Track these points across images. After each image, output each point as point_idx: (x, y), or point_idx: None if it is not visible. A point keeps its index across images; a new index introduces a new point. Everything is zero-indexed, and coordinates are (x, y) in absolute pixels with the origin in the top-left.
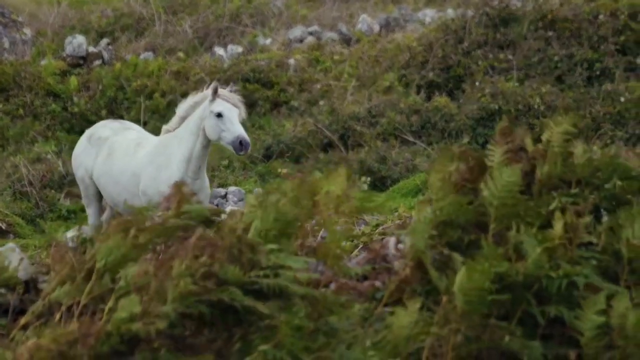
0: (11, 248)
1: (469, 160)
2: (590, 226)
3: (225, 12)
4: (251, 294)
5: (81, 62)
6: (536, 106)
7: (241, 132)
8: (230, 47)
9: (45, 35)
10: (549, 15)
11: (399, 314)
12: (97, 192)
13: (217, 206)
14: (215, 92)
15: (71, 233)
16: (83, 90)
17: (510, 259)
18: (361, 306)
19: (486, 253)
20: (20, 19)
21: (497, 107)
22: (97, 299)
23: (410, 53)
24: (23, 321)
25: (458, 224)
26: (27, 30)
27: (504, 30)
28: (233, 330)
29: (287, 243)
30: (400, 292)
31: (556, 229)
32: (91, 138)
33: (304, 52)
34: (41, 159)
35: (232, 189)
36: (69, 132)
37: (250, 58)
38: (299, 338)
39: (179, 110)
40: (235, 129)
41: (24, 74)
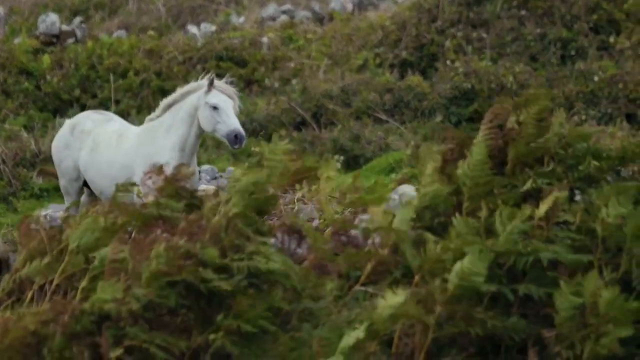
0: None
1: (452, 141)
2: (565, 205)
3: None
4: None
5: (54, 40)
6: (509, 85)
7: (237, 125)
8: (203, 25)
9: (19, 13)
10: None
11: (386, 297)
12: (82, 185)
13: None
14: (211, 83)
15: (45, 212)
16: (56, 69)
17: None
18: (334, 285)
19: (458, 230)
20: None
21: (470, 86)
22: (70, 278)
23: (383, 32)
24: None
25: (437, 210)
26: (0, 9)
27: (477, 9)
28: (207, 312)
29: (262, 222)
30: (377, 273)
31: (540, 210)
32: (74, 130)
33: (277, 30)
34: (13, 137)
35: (205, 167)
36: (41, 110)
37: (224, 36)
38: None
39: (165, 100)
40: (230, 122)
41: None
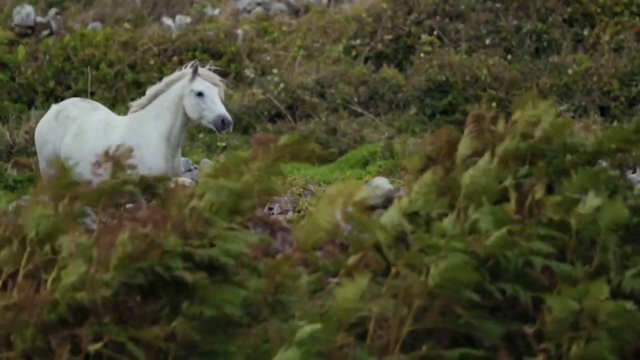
0: None
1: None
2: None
3: None
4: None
5: (29, 32)
6: (483, 78)
7: (223, 111)
8: (178, 17)
9: None
10: None
11: (345, 285)
12: None
13: None
14: (195, 71)
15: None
16: (31, 60)
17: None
18: (309, 277)
19: (444, 228)
20: None
21: (444, 79)
22: (40, 267)
23: (358, 24)
24: None
25: (427, 215)
26: None
27: (452, 1)
28: (176, 301)
29: (238, 219)
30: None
31: (511, 205)
32: (59, 116)
33: (252, 22)
34: None
35: None
36: (16, 102)
37: (199, 28)
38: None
39: (150, 90)
40: (216, 108)
41: None
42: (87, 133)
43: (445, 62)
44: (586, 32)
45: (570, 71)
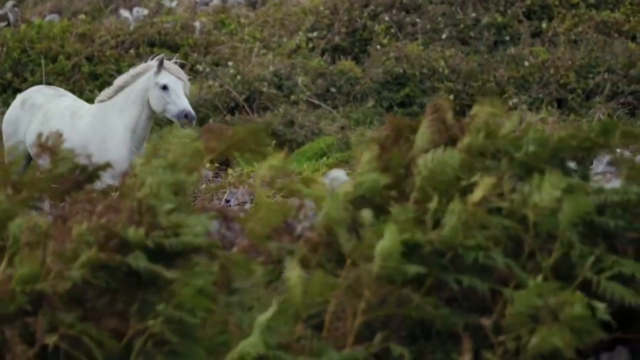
0: None
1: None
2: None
3: None
4: (155, 257)
5: None
6: (440, 70)
7: (186, 105)
8: (136, 9)
9: None
10: None
11: (296, 277)
12: (28, 162)
13: None
14: (161, 64)
15: None
16: None
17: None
18: (265, 268)
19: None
20: None
21: (401, 71)
22: None
23: (315, 16)
24: None
25: (374, 200)
26: None
27: None
28: (136, 293)
29: (182, 200)
30: (310, 257)
31: (474, 196)
32: (24, 104)
33: (209, 14)
34: None
35: None
36: None
37: (156, 21)
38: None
39: (117, 80)
40: (180, 102)
41: None
42: (53, 120)
43: (402, 54)
44: (544, 25)
45: (527, 63)
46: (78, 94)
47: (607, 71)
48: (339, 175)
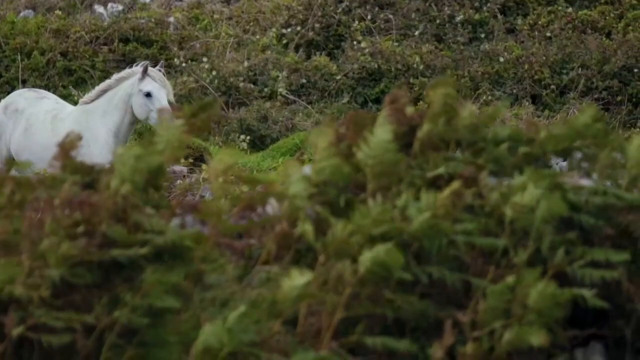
0: None
1: (349, 119)
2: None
3: None
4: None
5: None
6: (415, 66)
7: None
8: (110, 5)
9: None
10: None
11: (292, 274)
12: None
13: None
14: (145, 70)
15: None
16: None
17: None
18: (236, 264)
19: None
20: None
21: (376, 67)
22: None
23: (289, 12)
24: None
25: (336, 185)
26: None
27: None
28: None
29: (156, 194)
30: (278, 251)
31: (444, 193)
32: (7, 110)
33: (184, 10)
34: None
35: None
36: None
37: (131, 16)
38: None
39: (100, 85)
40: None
41: None
42: (35, 126)
43: (376, 50)
44: (519, 21)
45: (501, 59)
46: (52, 89)
47: (581, 67)
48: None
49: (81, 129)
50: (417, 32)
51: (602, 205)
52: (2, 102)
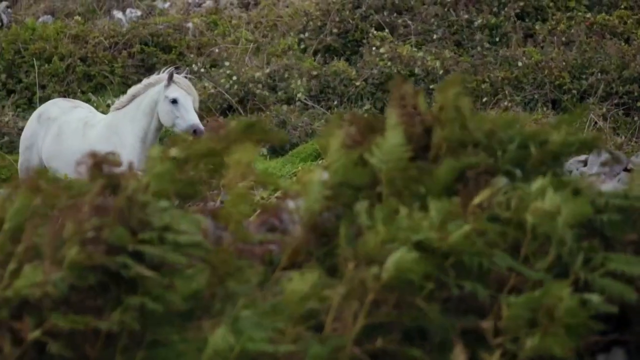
0: None
1: (359, 124)
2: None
3: None
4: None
5: None
6: (435, 71)
7: (196, 120)
8: (129, 10)
9: None
10: None
11: (294, 278)
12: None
13: None
14: (170, 77)
15: None
16: None
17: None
18: (257, 270)
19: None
20: None
21: (395, 72)
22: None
23: (307, 18)
24: None
25: (352, 185)
26: None
27: None
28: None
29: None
30: (297, 256)
31: (476, 201)
32: (40, 118)
33: (202, 16)
34: None
35: None
36: None
37: (149, 22)
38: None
39: (130, 90)
40: (189, 117)
41: None
42: (66, 133)
43: (395, 55)
44: (537, 26)
45: (520, 64)
46: (72, 95)
47: (600, 72)
48: None
49: (111, 134)
50: (436, 37)
51: (624, 209)
52: (36, 111)
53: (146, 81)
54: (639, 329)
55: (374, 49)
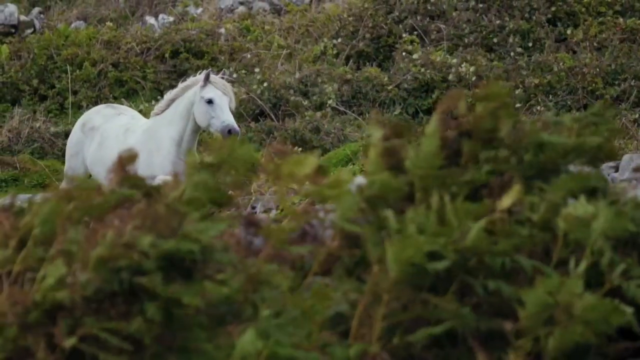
0: None
1: (394, 129)
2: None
3: None
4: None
5: (12, 30)
6: (467, 76)
7: (231, 121)
8: (161, 16)
9: None
10: None
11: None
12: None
13: None
14: (207, 78)
15: (2, 201)
16: (15, 59)
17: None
18: (287, 275)
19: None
20: None
21: (428, 78)
22: (31, 268)
23: (340, 23)
24: None
25: (387, 200)
26: None
27: (434, 0)
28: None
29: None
30: (329, 263)
31: (504, 203)
32: (84, 127)
33: (234, 21)
34: None
35: None
36: (0, 101)
37: (182, 28)
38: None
39: (167, 94)
40: (225, 117)
41: None
42: (108, 140)
43: (427, 61)
44: (569, 32)
45: (555, 69)
46: (104, 101)
47: (633, 78)
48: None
49: (148, 139)
50: (467, 41)
51: None
52: (80, 119)
53: (183, 84)
54: None
55: (406, 54)
